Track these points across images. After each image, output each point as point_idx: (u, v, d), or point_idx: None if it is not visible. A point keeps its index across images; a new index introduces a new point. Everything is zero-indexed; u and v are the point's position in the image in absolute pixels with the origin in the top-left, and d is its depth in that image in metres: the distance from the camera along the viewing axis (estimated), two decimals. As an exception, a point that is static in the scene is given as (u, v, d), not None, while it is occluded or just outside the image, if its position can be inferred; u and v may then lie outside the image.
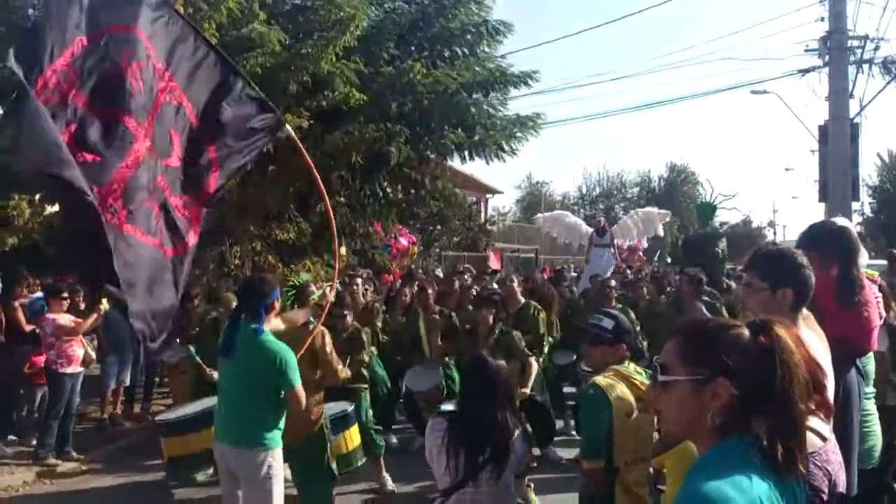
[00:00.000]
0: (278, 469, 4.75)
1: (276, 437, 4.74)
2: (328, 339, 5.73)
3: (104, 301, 8.39)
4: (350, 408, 6.24)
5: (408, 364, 8.34)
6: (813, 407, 2.15)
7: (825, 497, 2.07)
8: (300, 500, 5.86)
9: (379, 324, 8.76)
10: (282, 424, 4.79)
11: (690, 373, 1.80)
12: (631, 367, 3.79)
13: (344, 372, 5.98)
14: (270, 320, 4.79)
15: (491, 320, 6.80)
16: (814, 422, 2.15)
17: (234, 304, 8.73)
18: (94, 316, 8.24)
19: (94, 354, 8.58)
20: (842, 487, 2.16)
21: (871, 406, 4.41)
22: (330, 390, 6.00)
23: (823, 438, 2.15)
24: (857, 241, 4.35)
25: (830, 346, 3.11)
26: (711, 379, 1.78)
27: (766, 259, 3.04)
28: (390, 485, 7.16)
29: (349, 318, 7.13)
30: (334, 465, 5.82)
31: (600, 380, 3.65)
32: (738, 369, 1.78)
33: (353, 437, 6.14)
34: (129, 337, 9.84)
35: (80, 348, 8.20)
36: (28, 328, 8.34)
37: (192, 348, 8.25)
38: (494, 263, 23.23)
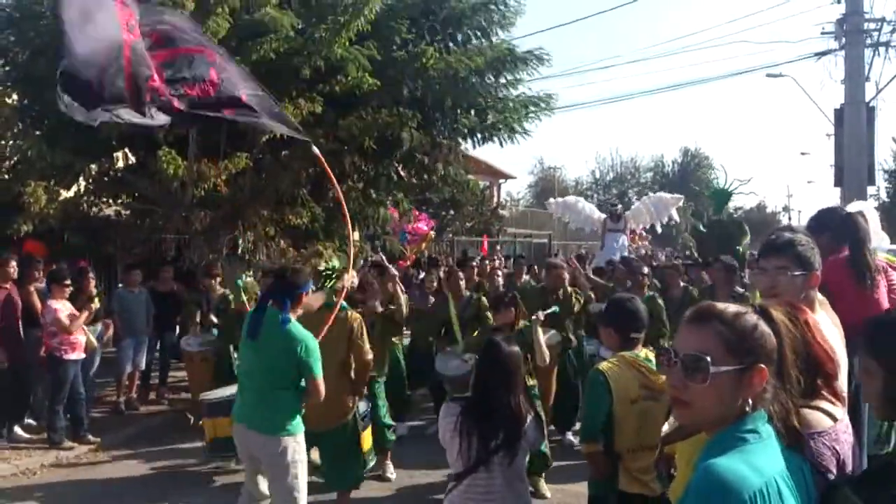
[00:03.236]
0: (301, 454, 4.81)
1: (298, 423, 4.81)
2: (364, 329, 5.74)
3: (96, 300, 8.33)
4: (367, 409, 6.24)
5: (434, 350, 8.41)
6: (824, 392, 2.18)
7: (832, 476, 2.09)
8: (331, 485, 5.91)
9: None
10: (302, 410, 4.86)
11: (738, 362, 1.81)
12: (642, 354, 3.78)
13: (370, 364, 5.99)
14: (297, 311, 4.85)
15: (513, 318, 6.55)
16: (824, 403, 2.17)
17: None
18: (85, 314, 8.19)
19: (95, 342, 8.60)
20: (851, 468, 2.17)
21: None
22: None
23: (834, 419, 2.17)
24: (865, 226, 4.36)
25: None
26: (752, 366, 1.81)
27: (799, 245, 3.03)
28: (391, 472, 7.19)
29: (377, 306, 7.16)
30: (363, 455, 5.87)
31: (604, 365, 3.70)
32: (770, 354, 1.85)
33: (367, 438, 6.16)
34: (144, 321, 9.94)
35: (82, 335, 8.22)
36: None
37: (215, 332, 8.28)
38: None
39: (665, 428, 3.63)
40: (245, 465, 5.13)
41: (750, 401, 1.82)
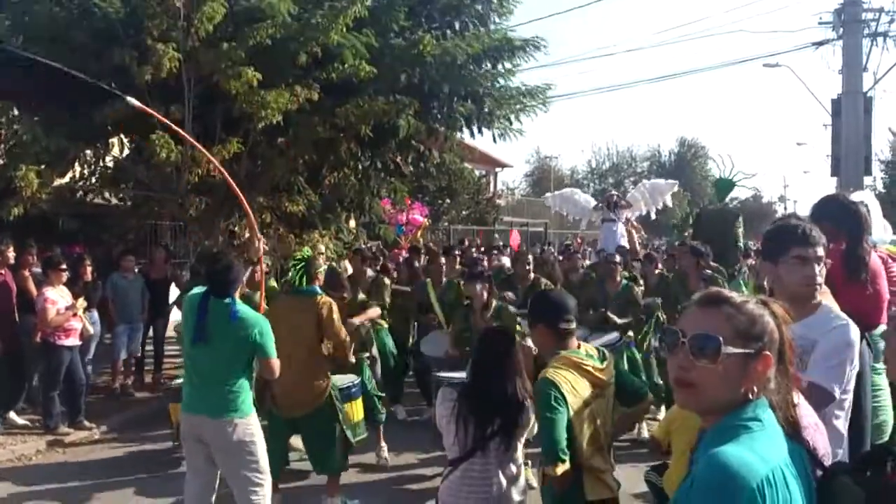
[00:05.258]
0: (256, 434, 4.80)
1: (250, 403, 4.81)
2: (335, 310, 5.69)
3: (81, 299, 8.20)
4: (356, 381, 6.20)
5: (421, 334, 8.46)
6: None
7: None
8: (316, 469, 5.90)
9: (388, 297, 8.74)
10: (251, 392, 4.87)
11: (746, 346, 1.80)
12: (582, 351, 3.52)
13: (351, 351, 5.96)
14: (237, 296, 4.86)
15: (484, 294, 6.65)
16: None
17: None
18: (70, 314, 8.01)
19: (91, 329, 8.53)
20: (823, 451, 2.16)
21: (881, 381, 4.40)
22: None
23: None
24: (867, 217, 4.34)
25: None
26: (759, 353, 1.81)
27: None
28: (386, 455, 7.17)
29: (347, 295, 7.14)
30: (349, 433, 5.85)
31: (550, 373, 3.37)
32: (775, 343, 1.84)
33: (357, 410, 6.14)
34: (139, 307, 9.92)
35: (77, 322, 8.16)
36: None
37: None
38: (515, 241, 23.36)
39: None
40: (188, 456, 4.99)
41: (755, 388, 1.81)
